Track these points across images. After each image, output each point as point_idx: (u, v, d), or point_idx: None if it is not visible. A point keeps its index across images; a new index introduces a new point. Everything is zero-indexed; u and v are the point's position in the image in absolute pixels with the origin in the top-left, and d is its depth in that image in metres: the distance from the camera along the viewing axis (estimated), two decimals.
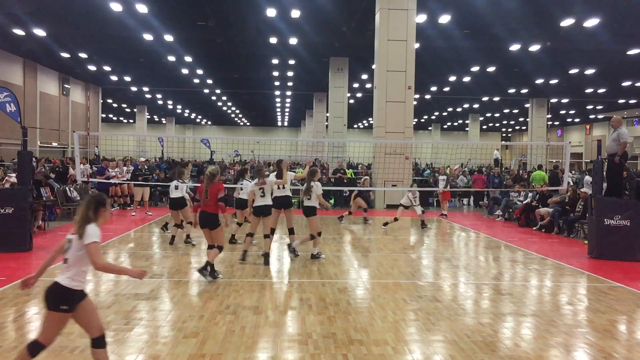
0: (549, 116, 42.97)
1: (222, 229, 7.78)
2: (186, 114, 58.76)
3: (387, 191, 17.65)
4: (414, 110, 18.61)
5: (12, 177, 12.85)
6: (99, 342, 3.96)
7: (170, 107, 51.80)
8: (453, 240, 12.84)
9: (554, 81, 32.99)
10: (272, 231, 9.24)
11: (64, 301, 3.81)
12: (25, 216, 9.66)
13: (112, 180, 16.31)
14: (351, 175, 21.67)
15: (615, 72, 29.30)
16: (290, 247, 9.56)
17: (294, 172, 14.56)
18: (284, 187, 9.36)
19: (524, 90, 37.40)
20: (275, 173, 9.48)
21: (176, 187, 10.97)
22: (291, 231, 9.67)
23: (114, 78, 35.89)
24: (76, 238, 3.86)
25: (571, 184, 16.32)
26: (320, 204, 9.47)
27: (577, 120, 55.06)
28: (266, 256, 8.85)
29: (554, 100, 41.36)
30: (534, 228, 14.22)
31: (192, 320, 5.79)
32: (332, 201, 19.93)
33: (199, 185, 8.10)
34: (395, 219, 13.62)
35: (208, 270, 7.57)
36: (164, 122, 62.78)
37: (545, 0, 18.05)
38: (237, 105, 51.61)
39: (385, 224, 13.71)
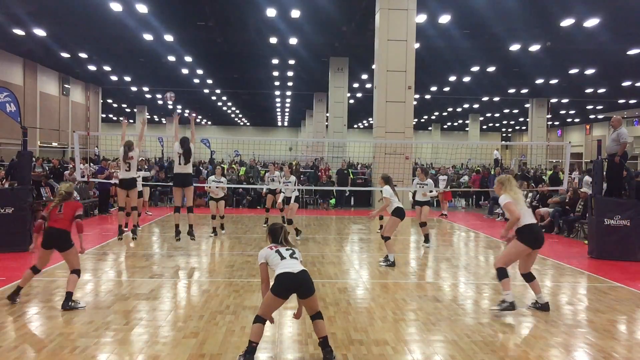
0: (549, 116, 42.97)
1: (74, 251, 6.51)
2: (186, 114, 58.74)
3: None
4: (414, 110, 18.60)
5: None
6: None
7: (170, 107, 51.78)
8: (453, 240, 12.84)
9: (554, 81, 32.99)
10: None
11: None
12: (25, 216, 9.67)
13: (112, 181, 16.30)
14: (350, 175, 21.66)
15: (615, 72, 29.30)
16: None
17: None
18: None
19: (524, 90, 37.40)
20: None
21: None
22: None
23: (114, 78, 35.89)
24: None
25: (575, 182, 16.31)
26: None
27: (577, 120, 55.06)
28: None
29: (554, 100, 41.37)
30: None
31: (192, 320, 5.79)
32: (332, 201, 19.95)
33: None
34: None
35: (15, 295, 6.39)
36: (164, 122, 62.79)
37: (545, 0, 18.06)
38: (237, 105, 51.61)
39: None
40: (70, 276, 6.35)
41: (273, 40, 23.27)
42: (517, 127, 66.85)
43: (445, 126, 67.05)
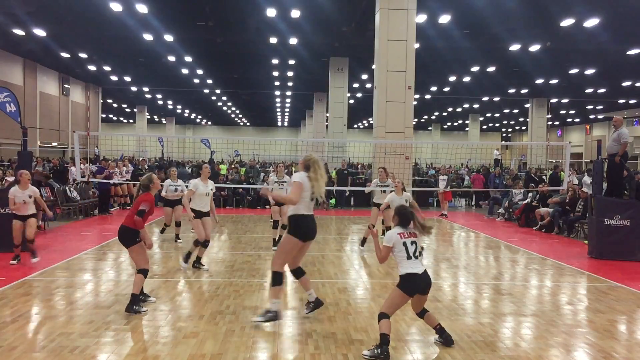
0: (549, 116, 42.97)
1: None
2: (186, 114, 58.77)
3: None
4: (414, 110, 18.58)
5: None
6: None
7: (170, 107, 51.80)
8: (453, 240, 12.84)
9: (554, 81, 32.99)
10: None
11: None
12: None
13: (112, 180, 16.31)
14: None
15: (615, 72, 29.29)
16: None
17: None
18: None
19: (524, 90, 37.40)
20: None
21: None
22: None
23: (114, 78, 35.88)
24: None
25: (575, 183, 16.29)
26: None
27: (577, 120, 55.06)
28: None
29: (554, 100, 41.37)
30: (534, 228, 14.22)
31: (192, 320, 5.79)
32: (333, 201, 19.94)
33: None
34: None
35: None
36: (164, 122, 62.80)
37: (545, 0, 18.05)
38: (237, 105, 51.60)
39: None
40: (135, 276, 6.09)
41: (273, 40, 23.26)
42: (517, 127, 66.86)
43: (445, 126, 67.05)
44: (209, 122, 69.81)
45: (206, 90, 40.37)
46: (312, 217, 5.77)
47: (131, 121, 60.54)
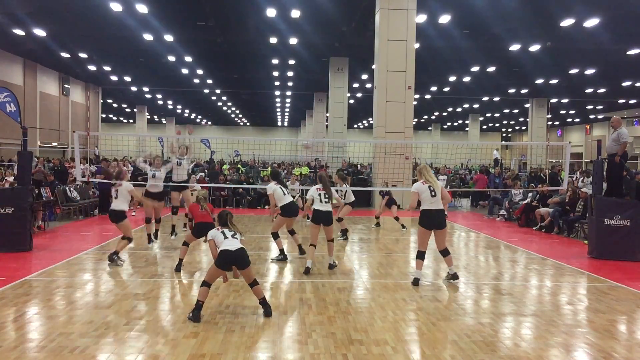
0: (549, 116, 42.97)
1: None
2: (186, 114, 58.76)
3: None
4: (414, 110, 18.61)
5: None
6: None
7: (170, 107, 51.80)
8: (453, 240, 12.83)
9: (554, 81, 32.99)
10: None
11: None
12: (25, 216, 9.67)
13: (112, 181, 16.29)
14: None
15: (615, 72, 29.30)
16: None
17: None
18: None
19: (524, 90, 37.41)
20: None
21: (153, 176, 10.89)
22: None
23: (114, 78, 35.89)
24: None
25: (574, 183, 16.28)
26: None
27: (577, 120, 55.06)
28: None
29: (554, 100, 41.36)
30: (534, 228, 14.22)
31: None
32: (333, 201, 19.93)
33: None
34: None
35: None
36: (164, 122, 62.78)
37: (545, 0, 18.06)
38: (237, 105, 51.60)
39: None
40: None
41: (273, 40, 23.26)
42: (517, 127, 66.86)
43: (445, 126, 67.05)
44: (209, 122, 69.81)
45: (206, 90, 40.38)
46: (436, 211, 7.59)
47: (131, 121, 60.53)
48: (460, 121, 59.98)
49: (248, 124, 70.27)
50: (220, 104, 49.27)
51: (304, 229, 13.30)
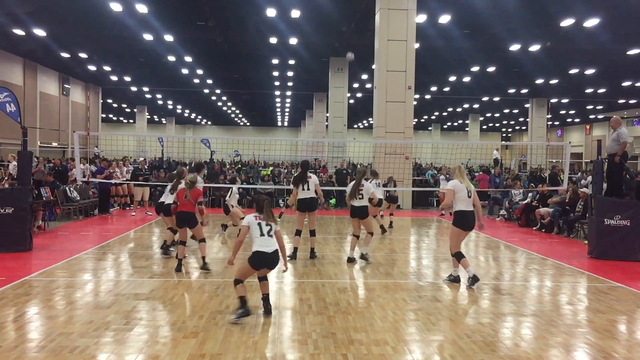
0: (549, 116, 42.99)
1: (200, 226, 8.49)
2: (186, 114, 58.78)
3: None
4: (414, 110, 18.61)
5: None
6: None
7: (170, 107, 51.81)
8: None
9: (554, 81, 33.00)
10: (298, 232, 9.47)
11: None
12: (25, 216, 9.66)
13: (112, 180, 16.31)
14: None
15: (615, 72, 29.31)
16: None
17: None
18: (308, 189, 9.40)
19: (524, 90, 37.42)
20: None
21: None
22: (312, 233, 9.59)
23: (114, 78, 35.90)
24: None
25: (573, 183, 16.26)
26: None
27: (577, 120, 55.07)
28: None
29: (554, 100, 41.39)
30: (534, 228, 14.22)
31: (192, 320, 5.79)
32: (333, 201, 19.94)
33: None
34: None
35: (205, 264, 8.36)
36: (164, 122, 62.81)
37: (545, 0, 18.06)
38: (237, 105, 51.62)
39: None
40: (200, 244, 8.38)
41: (273, 40, 23.27)
42: (517, 127, 66.88)
43: (445, 126, 67.07)
44: (209, 122, 69.84)
45: (206, 90, 40.39)
46: (470, 212, 7.49)
47: (131, 121, 60.56)
48: (460, 121, 60.00)
49: (248, 124, 70.30)
50: (220, 104, 49.28)
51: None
